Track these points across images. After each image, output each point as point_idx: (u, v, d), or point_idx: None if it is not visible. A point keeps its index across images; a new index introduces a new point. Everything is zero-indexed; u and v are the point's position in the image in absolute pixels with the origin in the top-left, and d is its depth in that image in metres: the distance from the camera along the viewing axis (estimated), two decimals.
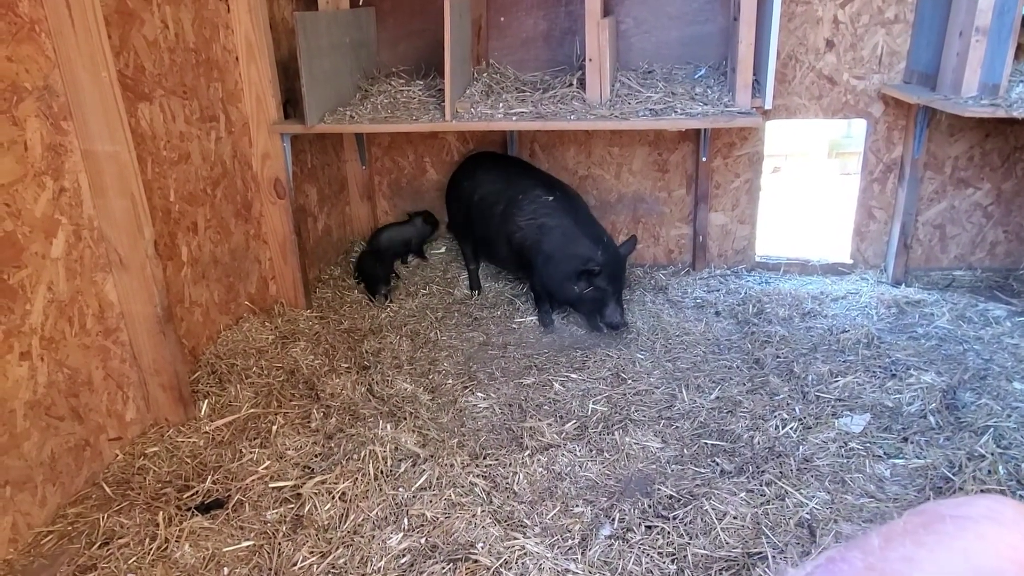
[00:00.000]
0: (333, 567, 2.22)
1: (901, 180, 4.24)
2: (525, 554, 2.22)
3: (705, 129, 4.04)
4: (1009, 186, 4.19)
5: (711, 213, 4.55)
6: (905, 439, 2.76)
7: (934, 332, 3.66)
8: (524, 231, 3.86)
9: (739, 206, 4.53)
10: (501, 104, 3.58)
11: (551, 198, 3.89)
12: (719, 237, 4.62)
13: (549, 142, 4.59)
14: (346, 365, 3.44)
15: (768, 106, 3.52)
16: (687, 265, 4.67)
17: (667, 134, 4.41)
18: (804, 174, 7.46)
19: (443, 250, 4.91)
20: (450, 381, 3.36)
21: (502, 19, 4.20)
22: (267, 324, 3.71)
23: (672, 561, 2.20)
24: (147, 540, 2.35)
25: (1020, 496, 2.38)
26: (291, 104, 3.84)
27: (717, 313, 4.02)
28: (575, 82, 3.73)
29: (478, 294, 4.35)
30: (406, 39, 4.33)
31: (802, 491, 2.46)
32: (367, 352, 3.59)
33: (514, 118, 3.44)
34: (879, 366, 3.29)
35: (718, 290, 4.33)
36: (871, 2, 3.98)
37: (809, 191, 6.69)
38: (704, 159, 4.34)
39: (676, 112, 3.35)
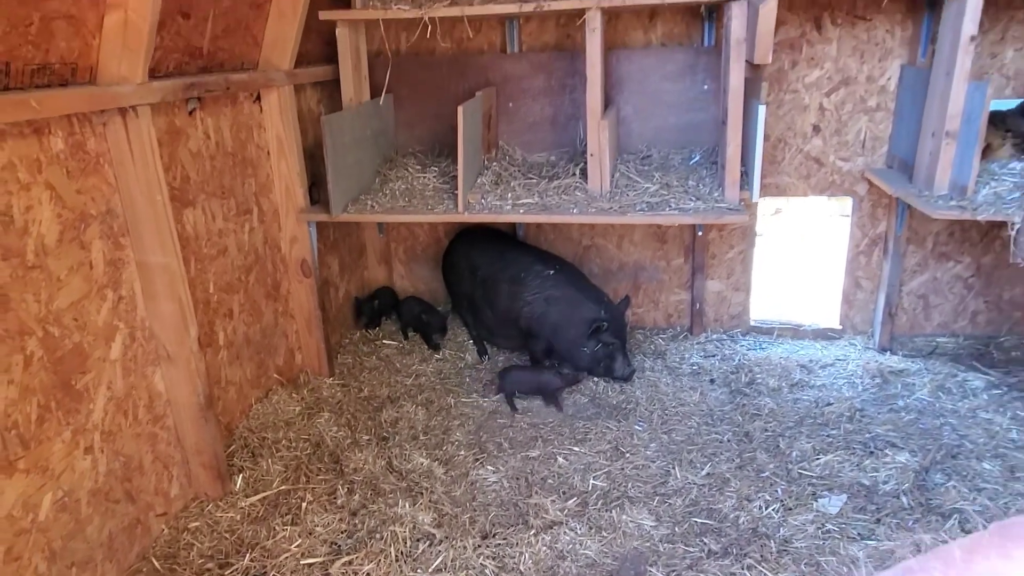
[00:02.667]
0: None
1: (885, 253, 4.52)
2: None
3: None
4: (988, 260, 4.45)
5: (707, 281, 4.84)
6: (878, 520, 3.02)
7: (914, 404, 3.92)
8: (532, 305, 4.18)
9: (734, 274, 4.81)
10: (509, 194, 3.89)
11: (552, 271, 4.24)
12: (715, 303, 4.90)
13: None
14: (367, 437, 3.74)
15: (755, 199, 3.81)
16: (685, 329, 4.96)
17: None
18: (803, 216, 7.74)
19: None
20: (462, 452, 3.64)
21: (511, 105, 4.53)
22: (294, 395, 4.01)
23: None
24: None
25: None
26: (316, 187, 4.17)
27: (712, 381, 4.30)
28: (578, 172, 4.04)
29: (487, 359, 4.65)
30: (421, 122, 4.66)
31: (780, 574, 2.73)
32: (385, 422, 3.89)
33: (521, 211, 3.75)
34: (859, 441, 3.56)
35: (714, 355, 4.61)
36: (854, 91, 4.28)
37: (806, 234, 6.98)
38: (700, 232, 4.64)
39: (671, 207, 3.65)
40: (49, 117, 2.42)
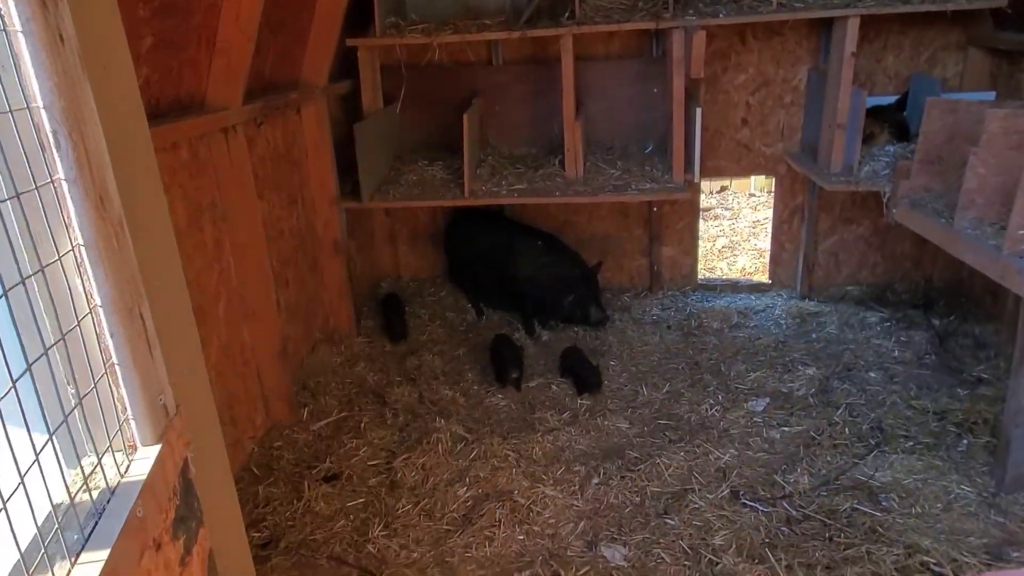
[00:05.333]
0: (423, 510, 3.49)
1: (803, 220, 5.62)
2: (544, 496, 3.51)
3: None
4: (883, 223, 5.58)
5: (663, 247, 5.89)
6: (792, 414, 4.11)
7: (824, 336, 5.04)
8: (524, 268, 5.18)
9: (683, 242, 5.88)
10: (503, 181, 4.87)
11: (540, 242, 5.24)
12: (669, 266, 5.96)
13: None
14: (399, 378, 4.70)
15: (697, 179, 4.85)
16: (645, 288, 6.01)
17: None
18: (746, 189, 8.90)
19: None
20: (475, 387, 4.63)
21: (497, 108, 5.49)
22: (333, 350, 4.95)
23: (636, 495, 3.51)
24: (294, 500, 3.59)
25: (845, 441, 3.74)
26: (342, 175, 5.05)
27: (668, 327, 5.36)
28: (557, 163, 5.04)
29: (484, 319, 5.63)
30: (421, 125, 5.58)
31: (720, 450, 3.79)
32: (411, 368, 4.85)
33: (515, 194, 4.73)
34: (780, 363, 4.66)
35: (669, 308, 5.67)
36: (773, 90, 5.35)
37: (750, 206, 8.14)
38: (655, 209, 5.68)
39: (631, 188, 4.68)
40: (183, 138, 3.31)
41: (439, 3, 5.06)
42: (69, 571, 1.00)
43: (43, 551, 0.97)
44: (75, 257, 1.17)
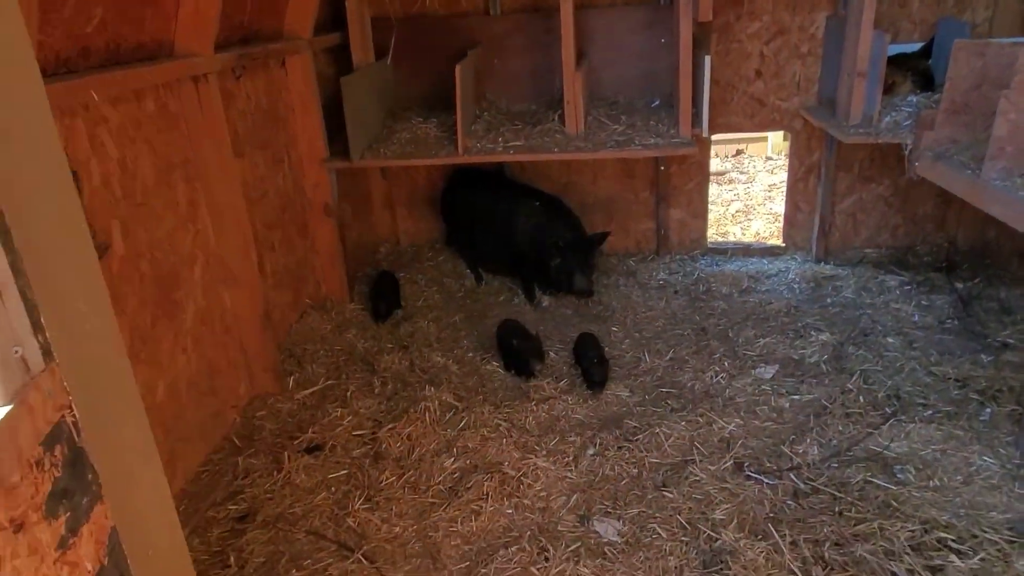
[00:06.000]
0: (408, 483, 3.32)
1: (819, 179, 5.32)
2: (537, 468, 3.32)
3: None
4: (904, 181, 5.27)
5: (670, 210, 5.62)
6: (802, 382, 3.87)
7: (840, 300, 4.77)
8: (522, 232, 4.94)
9: (692, 203, 5.60)
10: (500, 138, 4.61)
11: (538, 203, 4.99)
12: (677, 229, 5.70)
13: None
14: (391, 346, 4.51)
15: (705, 134, 4.56)
16: (652, 252, 5.75)
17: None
18: (762, 154, 8.57)
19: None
20: (470, 354, 4.43)
21: (495, 61, 5.21)
22: (324, 317, 4.76)
23: (635, 467, 3.31)
24: (274, 472, 3.43)
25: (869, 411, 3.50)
26: (332, 135, 4.82)
27: (675, 292, 5.12)
28: (556, 117, 4.77)
29: (483, 283, 5.41)
30: (416, 79, 5.32)
31: (724, 419, 3.57)
32: (404, 335, 4.66)
33: (512, 151, 4.48)
34: (792, 329, 4.40)
35: (677, 272, 5.42)
36: (789, 40, 5.02)
37: (766, 170, 7.81)
38: (663, 168, 5.40)
39: (635, 143, 4.40)
40: (147, 85, 3.09)
41: None
42: None
43: None
44: None
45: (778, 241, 5.69)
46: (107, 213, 2.86)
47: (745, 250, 5.66)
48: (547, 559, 2.84)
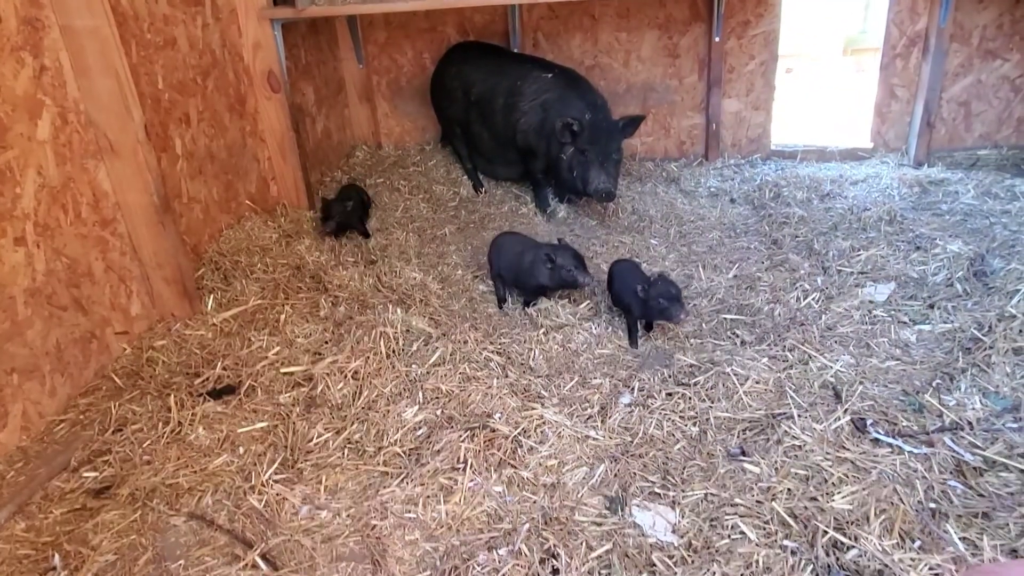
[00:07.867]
0: (349, 441, 2.19)
1: (925, 54, 4.02)
2: (544, 422, 2.17)
3: (719, 2, 3.83)
4: None
5: (724, 100, 4.36)
6: (931, 306, 2.67)
7: (959, 208, 3.53)
8: (528, 115, 3.72)
9: (754, 91, 4.33)
10: None
11: (550, 75, 3.76)
12: (733, 125, 4.44)
13: (553, 30, 4.37)
14: (352, 259, 3.37)
15: None
16: (699, 156, 4.51)
17: (677, 15, 4.19)
18: (818, 73, 7.17)
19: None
20: (460, 272, 3.28)
21: None
22: (270, 223, 3.61)
23: (694, 424, 2.15)
24: (160, 425, 2.32)
25: None
26: None
27: (732, 200, 3.91)
28: None
29: (483, 192, 4.22)
30: None
31: (826, 355, 2.39)
32: (373, 248, 3.50)
33: None
34: (903, 240, 3.19)
35: (732, 179, 4.19)
36: None
37: (824, 89, 6.43)
38: (717, 39, 4.13)
39: None
40: None
41: None
42: None
43: None
44: None
45: (864, 142, 4.41)
46: None
47: (820, 153, 4.39)
48: (555, 571, 1.71)
